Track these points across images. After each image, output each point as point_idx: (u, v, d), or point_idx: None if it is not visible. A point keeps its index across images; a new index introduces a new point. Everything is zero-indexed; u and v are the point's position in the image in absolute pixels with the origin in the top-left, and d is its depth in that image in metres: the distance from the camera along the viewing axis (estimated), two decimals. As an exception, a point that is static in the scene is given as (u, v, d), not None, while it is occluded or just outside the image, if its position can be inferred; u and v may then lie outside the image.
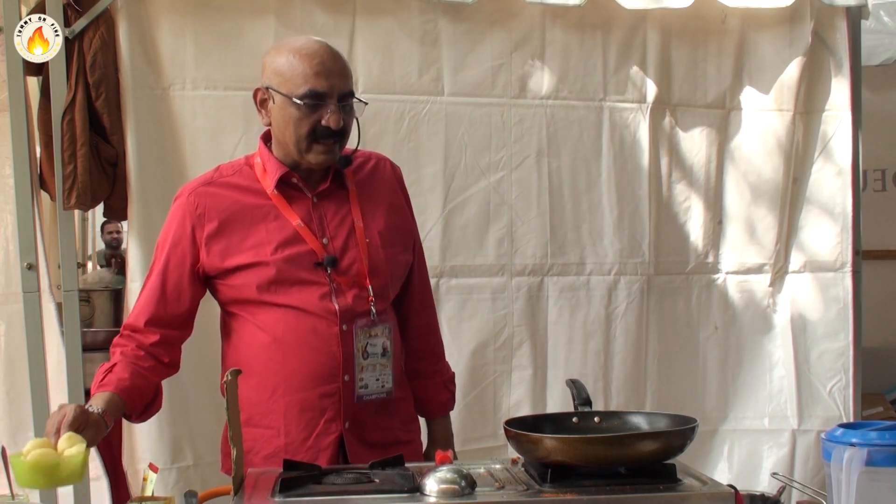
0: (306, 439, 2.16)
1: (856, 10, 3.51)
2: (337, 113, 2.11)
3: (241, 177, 2.22)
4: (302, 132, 2.12)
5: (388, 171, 2.35)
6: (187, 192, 2.21)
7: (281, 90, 2.12)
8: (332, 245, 2.18)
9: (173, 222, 2.22)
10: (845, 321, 3.53)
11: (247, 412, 2.18)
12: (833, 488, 1.80)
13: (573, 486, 1.72)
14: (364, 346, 2.16)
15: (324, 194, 2.21)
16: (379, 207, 2.26)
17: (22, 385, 3.07)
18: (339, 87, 2.12)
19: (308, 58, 2.11)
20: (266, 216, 2.18)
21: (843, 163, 3.53)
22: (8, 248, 3.26)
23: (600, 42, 3.37)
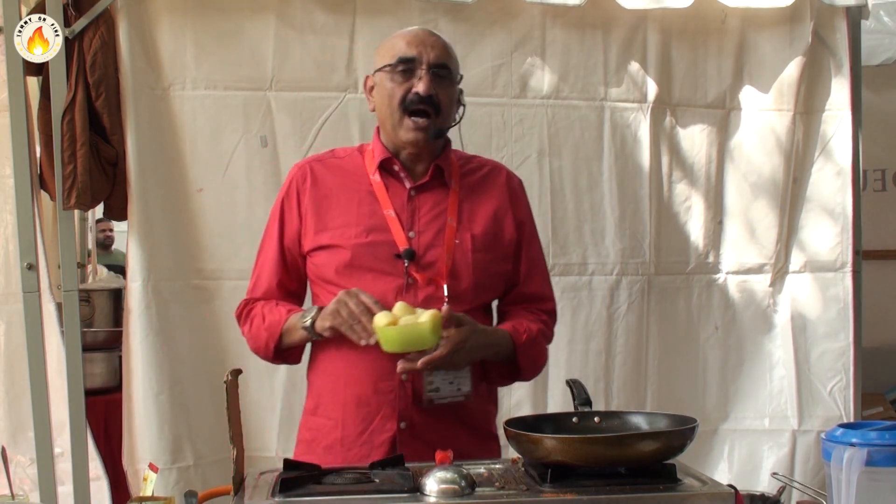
0: (361, 434, 2.16)
1: (856, 10, 3.50)
2: (427, 79, 2.15)
3: (350, 160, 2.29)
4: (395, 102, 2.17)
5: (501, 180, 2.34)
6: (299, 164, 2.30)
7: (378, 66, 2.20)
8: (417, 240, 2.18)
9: (283, 192, 2.29)
10: (845, 321, 3.53)
11: (315, 400, 2.25)
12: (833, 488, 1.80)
13: (573, 486, 1.72)
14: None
15: (423, 188, 2.23)
16: (480, 213, 2.25)
17: (22, 385, 3.07)
18: (430, 55, 2.16)
19: (403, 34, 2.21)
20: (361, 201, 2.21)
21: (843, 163, 3.53)
22: (8, 248, 3.26)
23: (601, 42, 3.37)
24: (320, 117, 3.17)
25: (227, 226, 3.13)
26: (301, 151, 3.14)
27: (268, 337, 2.22)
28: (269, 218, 2.30)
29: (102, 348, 3.76)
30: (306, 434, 2.27)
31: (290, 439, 3.14)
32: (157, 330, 3.04)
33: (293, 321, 2.17)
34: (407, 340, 2.01)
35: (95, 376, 3.62)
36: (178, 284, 3.10)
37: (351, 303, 2.06)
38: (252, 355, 3.08)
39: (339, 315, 2.07)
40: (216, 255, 3.12)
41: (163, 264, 3.07)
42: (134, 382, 3.05)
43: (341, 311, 2.07)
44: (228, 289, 3.12)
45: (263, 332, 2.22)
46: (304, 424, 2.29)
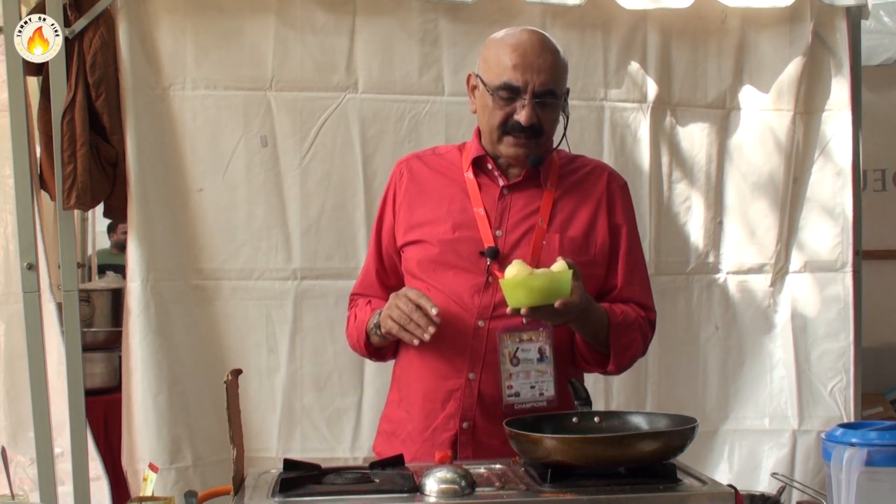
0: (425, 430, 2.17)
1: (856, 10, 3.50)
2: (529, 109, 2.10)
3: (449, 157, 2.30)
4: (494, 122, 2.15)
5: (602, 182, 2.29)
6: (400, 160, 2.34)
7: (483, 79, 2.16)
8: (504, 238, 2.16)
9: (387, 187, 2.34)
10: (846, 321, 3.52)
11: (401, 394, 2.28)
12: (833, 488, 1.80)
13: (573, 486, 1.72)
14: (513, 351, 2.10)
15: (515, 187, 2.21)
16: (574, 215, 2.22)
17: (22, 385, 3.07)
18: (537, 82, 2.10)
19: (511, 49, 2.13)
20: (453, 197, 2.21)
21: (843, 163, 3.53)
22: (8, 248, 3.26)
23: (600, 42, 3.37)
24: (320, 117, 3.17)
25: (227, 226, 3.13)
26: (301, 151, 3.15)
27: (358, 336, 2.27)
28: (376, 217, 2.38)
29: (102, 348, 3.76)
30: (386, 426, 2.31)
31: (290, 439, 3.16)
32: (157, 330, 3.04)
33: (373, 321, 2.21)
34: (549, 290, 1.96)
35: (95, 376, 3.62)
36: (177, 284, 3.09)
37: (400, 303, 2.07)
38: (251, 355, 3.14)
39: (389, 319, 2.09)
40: (216, 255, 3.12)
41: (163, 264, 3.07)
42: (133, 382, 3.04)
43: (392, 314, 2.09)
44: (228, 289, 3.12)
45: (354, 332, 2.29)
46: (386, 416, 2.33)
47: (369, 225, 3.08)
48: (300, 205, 3.15)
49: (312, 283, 3.16)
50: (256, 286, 3.13)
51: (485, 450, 2.09)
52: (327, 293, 3.16)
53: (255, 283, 3.12)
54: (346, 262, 3.16)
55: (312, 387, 3.18)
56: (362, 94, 3.19)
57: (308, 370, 3.17)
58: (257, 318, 3.14)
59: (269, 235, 3.13)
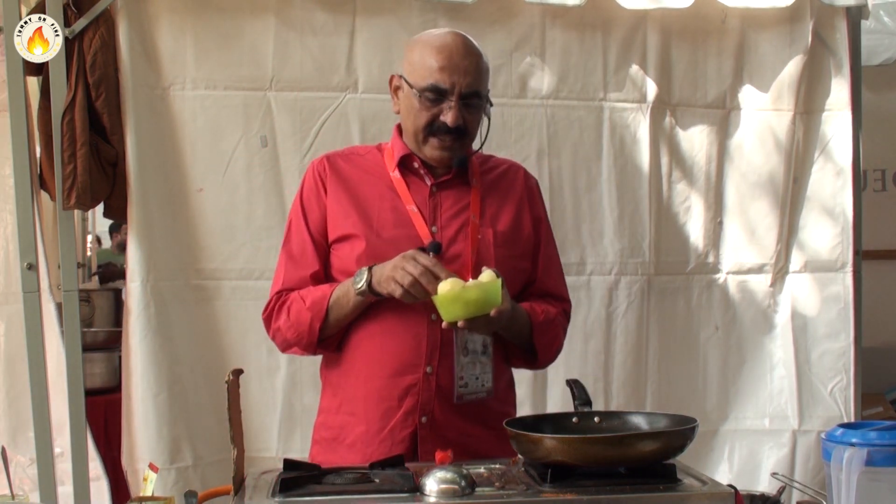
0: (382, 430, 2.15)
1: (856, 10, 3.50)
2: (456, 110, 2.12)
3: (369, 157, 2.29)
4: (420, 124, 2.15)
5: (519, 179, 2.35)
6: (318, 159, 2.29)
7: (409, 80, 2.16)
8: (440, 234, 2.18)
9: (303, 186, 2.28)
10: (846, 321, 3.52)
11: (337, 398, 2.23)
12: (833, 488, 1.80)
13: (573, 486, 1.72)
14: (464, 342, 2.12)
15: (444, 185, 2.23)
16: (501, 210, 2.26)
17: (22, 385, 3.07)
18: (463, 84, 2.12)
19: (437, 51, 2.14)
20: (382, 196, 2.21)
21: (843, 163, 3.53)
22: (8, 248, 3.26)
23: (600, 42, 3.37)
24: (320, 117, 3.17)
25: (227, 226, 3.13)
26: (301, 151, 3.15)
27: (312, 317, 2.15)
28: (291, 216, 2.29)
29: (102, 348, 3.77)
30: (325, 433, 2.26)
31: (290, 439, 3.15)
32: (157, 330, 3.04)
33: (341, 290, 2.13)
34: (483, 301, 1.99)
35: (95, 376, 3.63)
36: (177, 284, 3.09)
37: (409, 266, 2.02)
38: (251, 355, 3.13)
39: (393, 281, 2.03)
40: (216, 255, 3.12)
41: (162, 264, 3.07)
42: (133, 382, 3.04)
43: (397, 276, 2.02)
44: (228, 289, 3.13)
45: (307, 314, 2.16)
46: (324, 424, 2.28)
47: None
48: (300, 205, 3.15)
49: (312, 283, 3.16)
50: (256, 286, 3.12)
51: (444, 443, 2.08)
52: (327, 293, 3.16)
53: (255, 283, 3.12)
54: (346, 262, 3.15)
55: (312, 387, 3.16)
56: (362, 94, 3.19)
57: (308, 370, 3.16)
58: (257, 318, 3.10)
59: (269, 235, 3.12)
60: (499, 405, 2.23)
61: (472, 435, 2.15)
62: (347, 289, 2.12)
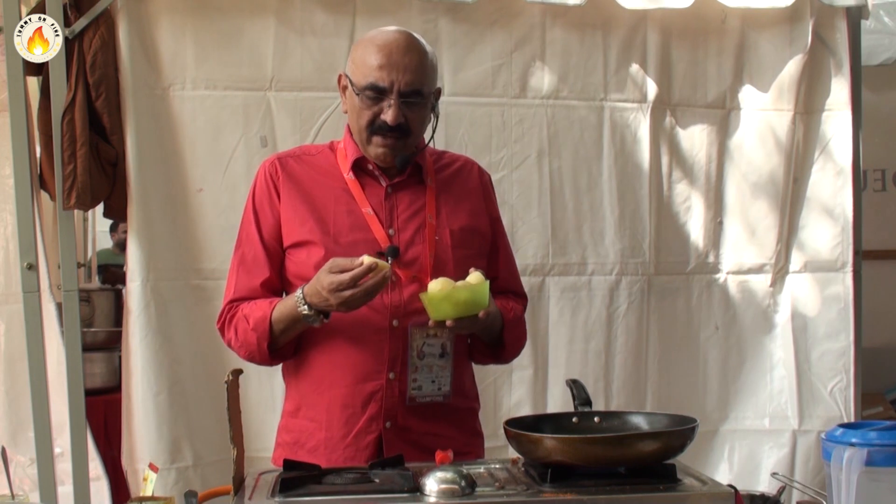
0: (346, 436, 2.13)
1: (856, 10, 3.50)
2: (396, 109, 2.09)
3: (322, 158, 2.25)
4: (362, 123, 2.13)
5: (474, 175, 2.33)
6: (271, 159, 2.24)
7: (351, 79, 2.14)
8: (398, 237, 2.16)
9: (254, 189, 2.23)
10: (846, 321, 3.53)
11: (296, 402, 2.21)
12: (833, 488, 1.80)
13: (573, 486, 1.72)
14: (420, 345, 2.11)
15: (399, 186, 2.20)
16: (457, 208, 2.24)
17: (22, 385, 3.07)
18: (402, 82, 2.09)
19: (377, 49, 2.11)
20: (337, 199, 2.17)
21: (843, 163, 3.53)
22: (8, 248, 3.27)
23: (600, 42, 3.37)
24: (320, 117, 3.17)
25: (227, 226, 3.12)
26: (301, 151, 3.14)
27: (258, 337, 2.11)
28: (242, 220, 2.25)
29: (102, 348, 3.76)
30: (287, 437, 2.23)
31: (290, 439, 3.15)
32: (157, 330, 3.04)
33: (285, 311, 2.08)
34: (472, 302, 2.00)
35: (95, 376, 3.63)
36: (177, 284, 3.09)
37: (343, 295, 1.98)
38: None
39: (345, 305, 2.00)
40: (216, 255, 3.12)
41: (162, 264, 3.07)
42: (133, 382, 3.05)
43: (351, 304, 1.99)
44: (228, 289, 3.12)
45: (252, 335, 2.12)
46: (285, 427, 2.25)
47: (369, 225, 3.08)
48: (300, 205, 3.15)
49: (312, 283, 3.16)
50: (256, 286, 3.12)
51: (409, 445, 2.10)
52: (327, 293, 3.16)
53: (255, 283, 3.12)
54: (345, 262, 3.15)
55: (312, 387, 3.17)
56: (362, 94, 3.19)
57: (308, 370, 3.17)
58: (257, 318, 3.14)
59: (268, 235, 3.12)
60: (464, 401, 2.23)
61: (438, 434, 2.13)
62: (291, 310, 2.07)
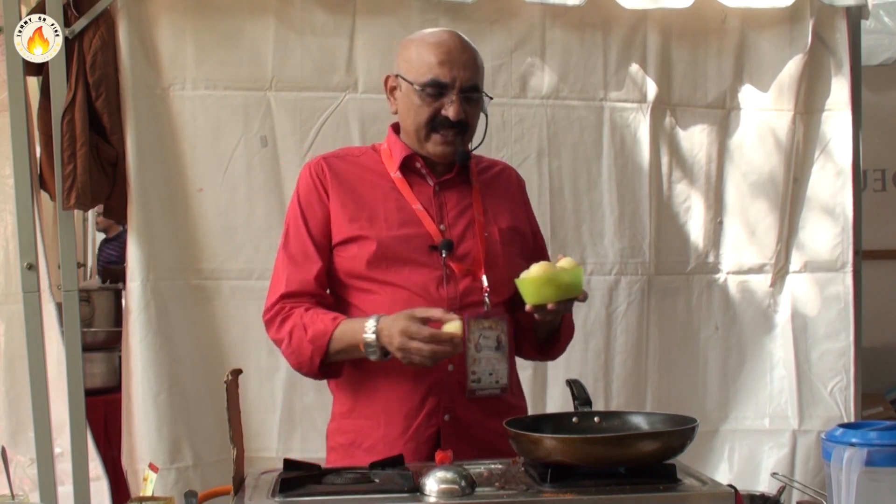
0: (405, 431, 2.13)
1: (856, 10, 3.50)
2: (458, 104, 2.12)
3: (366, 158, 2.26)
4: (421, 120, 2.15)
5: (513, 179, 2.38)
6: (316, 160, 2.25)
7: (407, 77, 2.16)
8: (449, 232, 2.17)
9: (301, 187, 2.23)
10: (846, 321, 3.52)
11: (349, 403, 2.20)
12: (833, 488, 1.80)
13: (573, 486, 1.72)
14: (477, 338, 2.11)
15: (446, 184, 2.22)
16: (501, 209, 2.27)
17: (22, 385, 3.07)
18: (463, 78, 2.13)
19: (434, 47, 2.14)
20: (386, 196, 2.19)
21: (843, 163, 3.53)
22: (8, 248, 3.27)
23: (600, 42, 3.37)
24: (320, 117, 3.17)
25: (227, 226, 3.13)
26: (301, 151, 3.15)
27: (313, 351, 2.09)
28: (288, 220, 2.24)
29: (102, 348, 3.76)
30: (341, 439, 2.21)
31: (290, 439, 3.15)
32: (157, 330, 3.04)
33: (348, 332, 2.06)
34: (574, 285, 2.03)
35: (95, 376, 3.63)
36: (177, 284, 3.09)
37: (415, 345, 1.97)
38: (251, 355, 3.12)
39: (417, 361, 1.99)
40: (216, 255, 3.12)
41: (162, 264, 3.07)
42: (133, 382, 3.05)
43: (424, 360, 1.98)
44: (228, 289, 3.12)
45: (307, 346, 2.09)
46: (338, 429, 2.23)
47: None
48: (300, 205, 3.15)
49: (312, 284, 3.16)
50: (256, 286, 3.11)
51: (467, 440, 2.09)
52: (327, 293, 3.16)
53: (255, 283, 3.12)
54: (346, 262, 3.15)
55: (312, 387, 3.16)
56: (362, 94, 3.19)
57: (308, 370, 3.17)
58: (257, 318, 3.10)
59: (268, 235, 3.12)
60: (515, 400, 2.24)
61: (493, 430, 2.09)
62: (356, 333, 2.05)
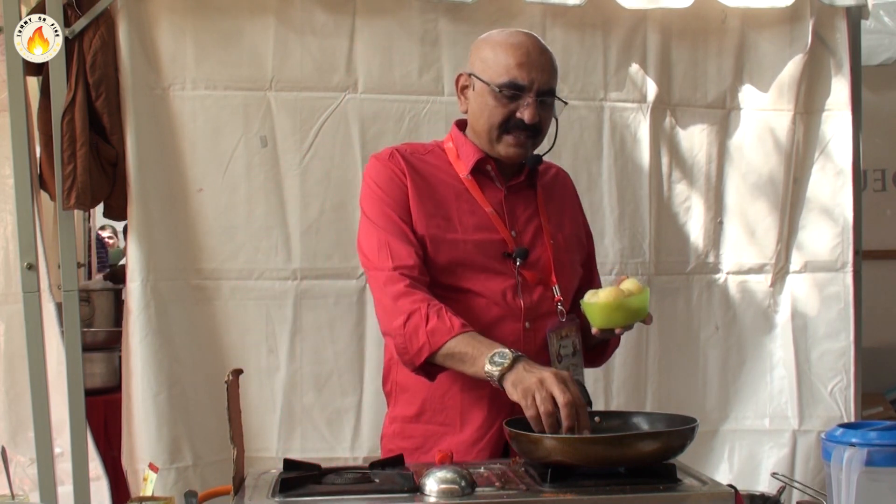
0: (480, 439, 2.11)
1: (856, 10, 3.50)
2: (533, 107, 2.09)
3: (434, 156, 2.22)
4: (495, 121, 2.11)
5: (569, 185, 2.36)
6: (388, 151, 2.18)
7: (482, 77, 2.12)
8: (519, 239, 2.15)
9: (379, 175, 2.14)
10: (846, 321, 3.52)
11: (419, 407, 2.15)
12: (833, 488, 1.80)
13: (573, 486, 1.72)
14: (557, 349, 2.09)
15: (514, 188, 2.19)
16: (561, 215, 2.25)
17: (22, 385, 3.07)
18: (541, 81, 2.10)
19: (514, 48, 2.11)
20: (459, 197, 2.15)
21: (842, 163, 3.53)
22: (8, 248, 3.26)
23: (600, 42, 3.37)
24: (320, 117, 3.17)
25: (227, 226, 3.13)
26: (301, 151, 3.15)
27: (423, 344, 1.97)
28: (370, 207, 2.13)
29: (102, 348, 3.76)
30: (404, 443, 2.15)
31: (290, 439, 3.15)
32: (157, 330, 3.04)
33: (467, 346, 1.94)
34: (642, 309, 2.02)
35: (95, 376, 3.62)
36: (177, 284, 3.09)
37: (557, 391, 1.81)
38: (251, 355, 3.13)
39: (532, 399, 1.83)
40: (216, 255, 3.12)
41: (162, 264, 3.07)
42: (133, 382, 3.05)
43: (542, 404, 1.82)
44: (228, 289, 3.12)
45: (423, 337, 1.98)
46: (402, 433, 2.18)
47: (369, 225, 3.07)
48: (300, 205, 3.15)
49: (312, 283, 3.16)
50: (256, 286, 3.13)
51: None
52: (327, 293, 3.16)
53: (255, 283, 3.13)
54: (345, 261, 3.15)
55: (312, 387, 3.18)
56: (362, 94, 3.19)
57: (308, 370, 3.17)
58: (257, 318, 3.15)
59: (268, 235, 3.13)
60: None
61: None
62: (476, 352, 1.93)
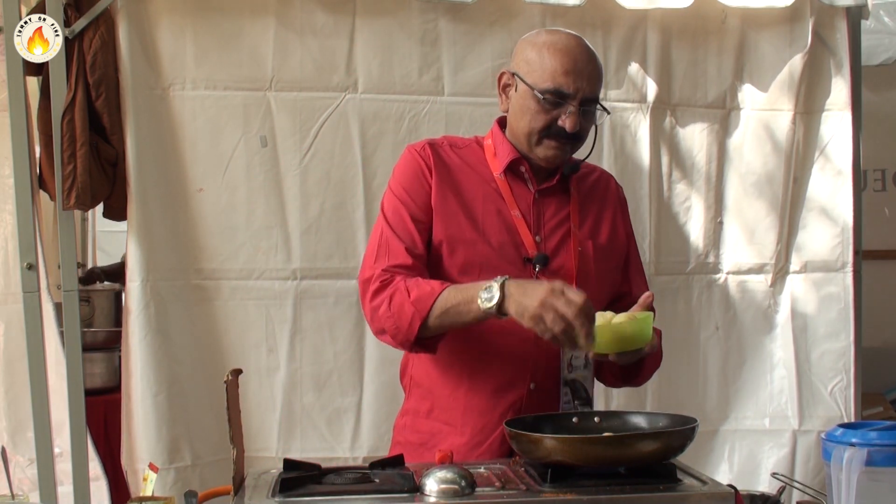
0: (481, 443, 2.10)
1: (856, 10, 3.50)
2: (576, 116, 2.06)
3: (469, 151, 2.19)
4: (536, 126, 2.08)
5: (612, 188, 2.30)
6: (421, 143, 2.17)
7: (526, 80, 2.08)
8: (544, 244, 2.12)
9: (407, 168, 2.14)
10: (846, 321, 3.52)
11: (430, 403, 2.16)
12: (833, 488, 1.80)
13: (573, 486, 1.72)
14: (569, 358, 2.07)
15: (546, 192, 2.16)
16: (598, 221, 2.21)
17: (22, 385, 3.07)
18: (586, 90, 2.06)
19: (561, 54, 2.06)
20: (486, 197, 2.13)
21: (842, 163, 3.53)
22: (8, 248, 3.27)
23: (600, 42, 3.37)
24: (320, 117, 3.17)
25: (227, 226, 3.13)
26: (301, 151, 3.15)
27: (414, 313, 1.96)
28: (388, 199, 2.14)
29: (102, 348, 3.76)
30: (412, 437, 2.17)
31: (290, 439, 3.15)
32: (157, 330, 3.04)
33: (457, 296, 1.94)
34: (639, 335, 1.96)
35: (95, 376, 3.62)
36: (177, 284, 3.09)
37: (561, 306, 1.81)
38: (251, 355, 3.13)
39: (543, 323, 1.83)
40: (216, 255, 3.12)
41: (162, 264, 3.07)
42: (133, 382, 3.05)
43: (554, 324, 1.82)
44: (228, 289, 3.12)
45: (409, 308, 1.97)
46: (411, 426, 2.19)
47: (369, 225, 3.08)
48: (300, 205, 3.15)
49: (312, 283, 3.16)
50: (256, 286, 3.13)
51: None
52: (327, 293, 3.16)
53: (255, 283, 3.13)
54: (345, 261, 3.16)
55: (312, 387, 3.18)
56: (362, 94, 3.20)
57: (308, 370, 3.17)
58: (257, 318, 3.15)
59: (269, 235, 3.13)
60: None
61: None
62: (466, 297, 1.93)
